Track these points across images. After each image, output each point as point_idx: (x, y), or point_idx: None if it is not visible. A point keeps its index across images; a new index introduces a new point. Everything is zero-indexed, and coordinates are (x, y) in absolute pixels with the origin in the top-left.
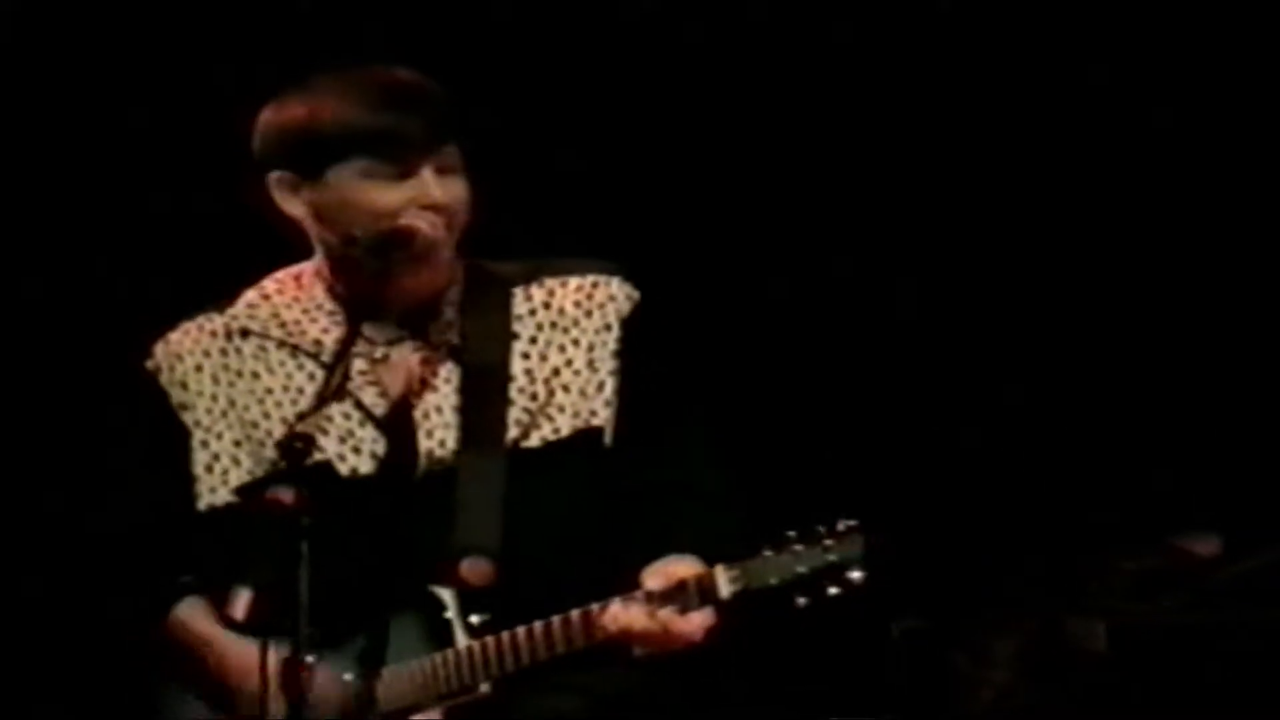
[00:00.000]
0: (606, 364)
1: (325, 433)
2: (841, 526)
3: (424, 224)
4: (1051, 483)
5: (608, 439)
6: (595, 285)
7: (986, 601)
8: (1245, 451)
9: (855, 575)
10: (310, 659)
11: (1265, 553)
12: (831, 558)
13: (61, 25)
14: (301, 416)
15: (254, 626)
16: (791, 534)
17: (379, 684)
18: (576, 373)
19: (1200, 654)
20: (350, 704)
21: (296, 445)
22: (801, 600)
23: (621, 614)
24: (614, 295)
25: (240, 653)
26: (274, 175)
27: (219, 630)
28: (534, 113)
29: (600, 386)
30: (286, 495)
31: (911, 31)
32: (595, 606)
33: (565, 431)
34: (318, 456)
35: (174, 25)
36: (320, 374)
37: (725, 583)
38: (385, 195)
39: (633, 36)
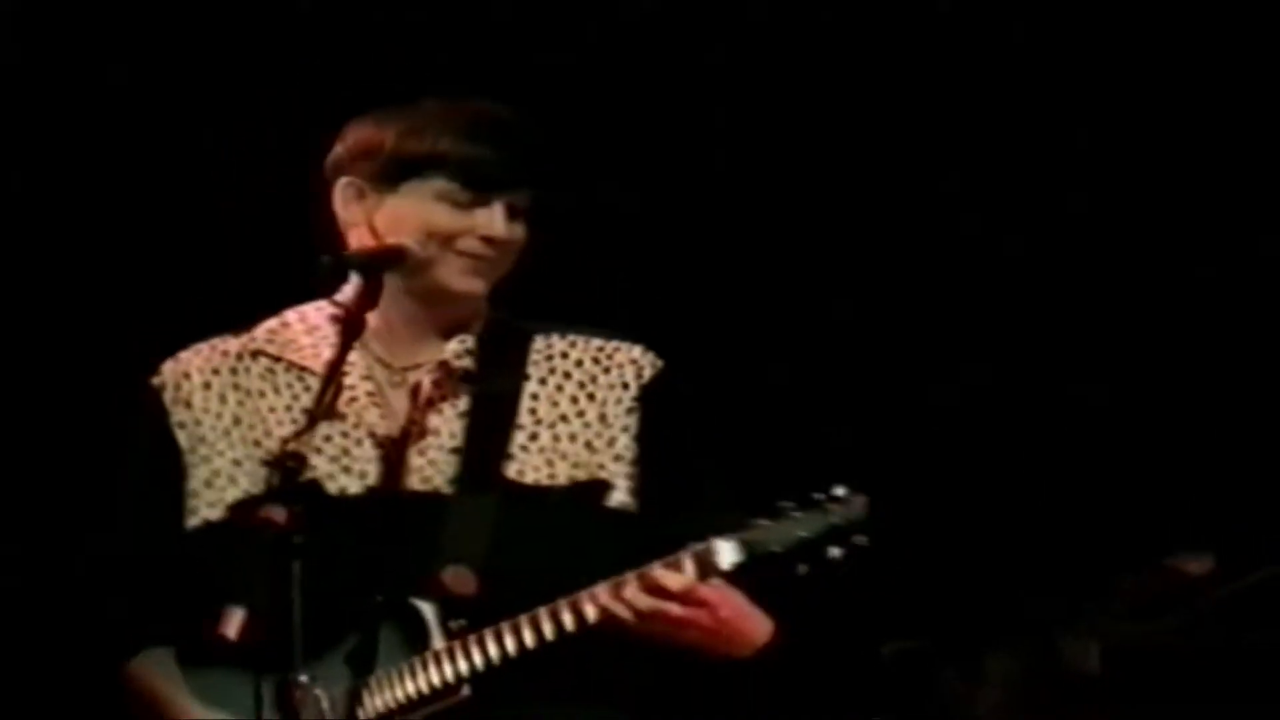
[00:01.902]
0: (620, 421)
1: (319, 451)
2: (840, 492)
3: (412, 244)
4: (1045, 503)
5: (620, 495)
6: (617, 349)
7: (980, 622)
8: (1239, 472)
9: (859, 539)
10: (303, 679)
11: (1258, 573)
12: (835, 520)
13: (88, 33)
14: (294, 435)
15: (245, 647)
16: (788, 503)
17: (361, 696)
18: (586, 425)
19: (1193, 675)
20: (333, 716)
21: (288, 464)
22: (803, 567)
23: (608, 596)
24: (635, 359)
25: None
26: (344, 180)
27: (181, 696)
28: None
29: (611, 442)
30: (279, 514)
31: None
32: (584, 593)
33: (563, 480)
34: (308, 475)
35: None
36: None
37: (725, 553)
38: (452, 218)
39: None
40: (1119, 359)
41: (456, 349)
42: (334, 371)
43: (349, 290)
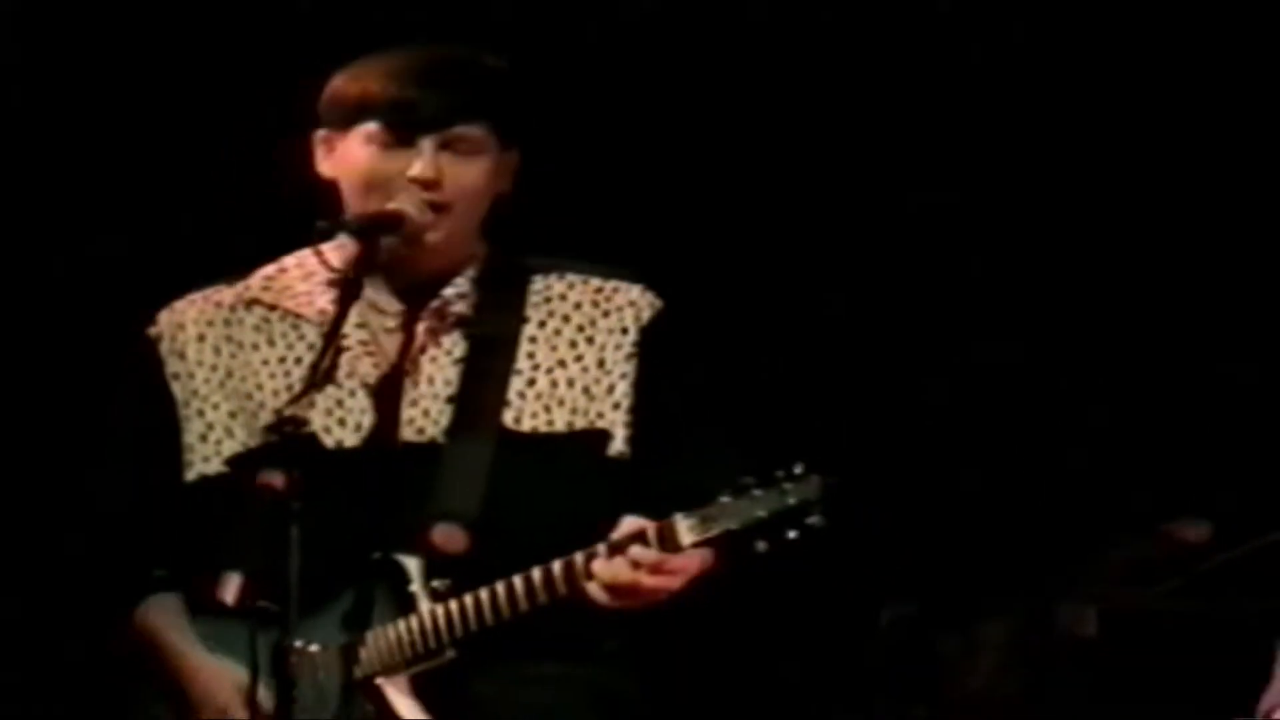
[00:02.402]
0: (619, 367)
1: (313, 404)
2: (799, 470)
3: (412, 207)
4: (1043, 469)
5: (618, 445)
6: (616, 289)
7: (977, 587)
8: (1235, 438)
9: (813, 519)
10: (299, 644)
11: (1255, 540)
12: (790, 500)
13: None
14: (294, 400)
15: (242, 610)
16: (749, 480)
17: (355, 654)
18: (585, 369)
19: (1190, 640)
20: (324, 674)
21: (286, 429)
22: (761, 545)
23: (600, 567)
24: (634, 301)
25: (208, 676)
26: (318, 134)
27: (187, 645)
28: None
29: (610, 389)
30: (277, 479)
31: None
32: (558, 561)
33: (560, 426)
34: (305, 430)
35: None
36: (320, 344)
37: (685, 530)
38: (382, 162)
39: (671, 54)
40: (1118, 327)
41: (450, 294)
42: (333, 335)
43: (347, 246)
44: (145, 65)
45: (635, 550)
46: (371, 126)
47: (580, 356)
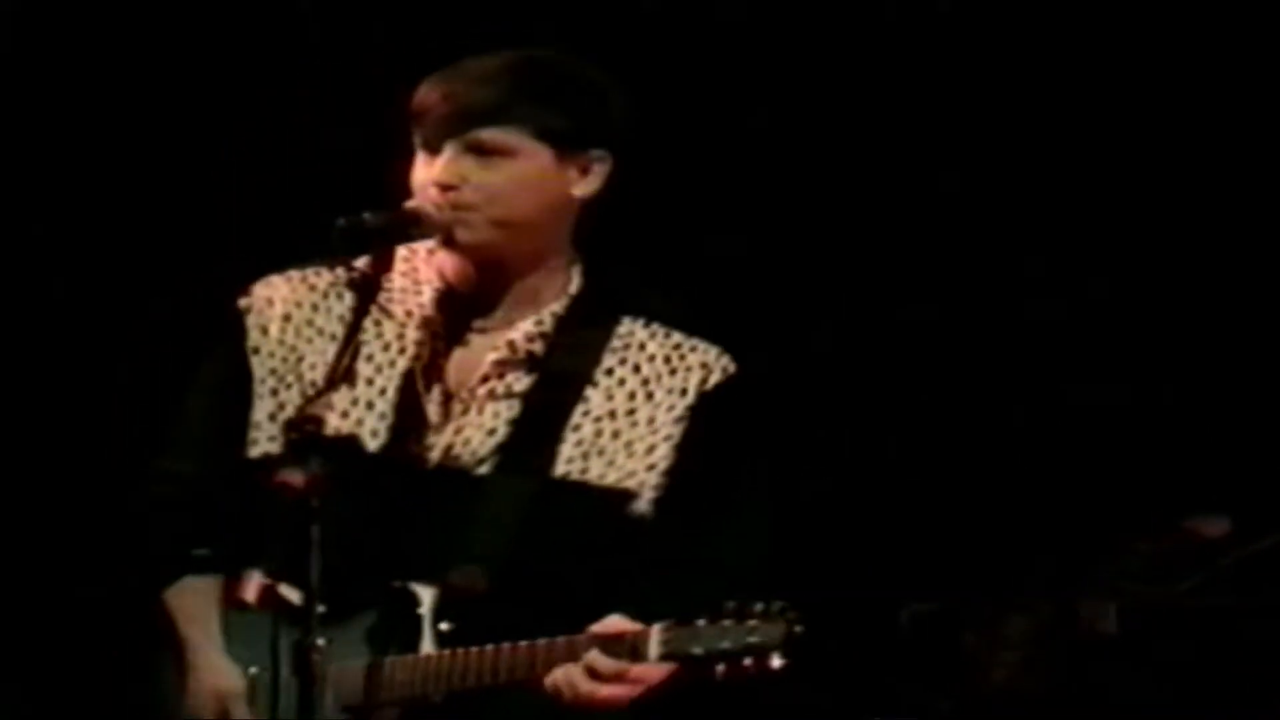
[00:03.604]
0: (666, 429)
1: (371, 406)
2: (775, 608)
3: (429, 206)
4: (1063, 465)
5: (641, 505)
6: (693, 349)
7: (998, 584)
8: (1255, 434)
9: (773, 662)
10: (321, 642)
11: (1275, 535)
12: (752, 639)
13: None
14: (313, 398)
15: (266, 609)
16: (730, 606)
17: (372, 677)
18: (634, 425)
19: (1210, 635)
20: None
21: (306, 427)
22: (720, 670)
23: (558, 670)
24: (706, 364)
25: (204, 671)
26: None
27: (200, 636)
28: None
29: (650, 449)
30: (296, 478)
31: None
32: (543, 642)
33: (593, 477)
34: (341, 429)
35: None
36: (395, 342)
37: (656, 643)
38: (420, 169)
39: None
40: (1139, 324)
41: (530, 330)
42: (352, 335)
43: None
44: (252, 54)
45: (594, 656)
46: (418, 135)
47: (633, 411)
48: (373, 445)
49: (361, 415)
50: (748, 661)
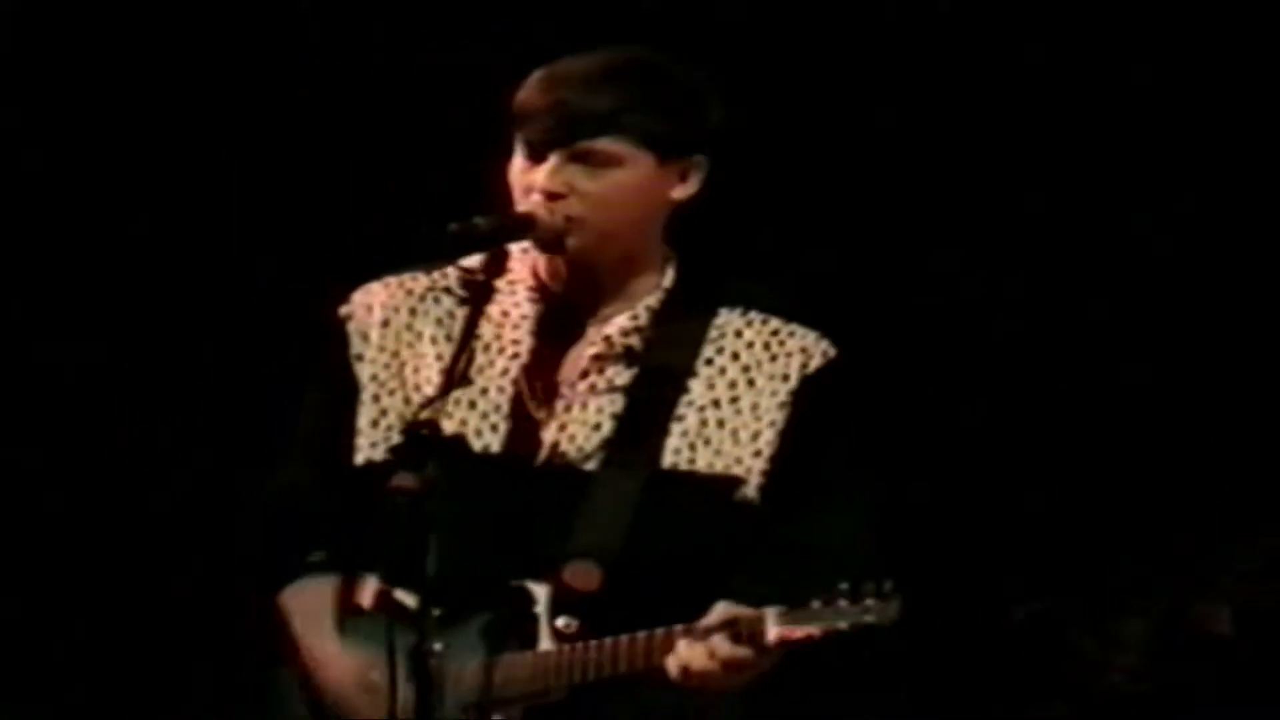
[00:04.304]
0: (770, 415)
1: (474, 405)
2: (887, 587)
3: (541, 211)
4: (1179, 466)
5: (748, 491)
6: (792, 334)
7: (1113, 586)
8: None
9: (883, 638)
10: (438, 646)
11: None
12: (868, 619)
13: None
14: (429, 402)
15: (379, 613)
16: (843, 587)
17: (488, 676)
18: (738, 412)
19: None
20: (459, 688)
21: (422, 431)
22: (832, 648)
23: (680, 647)
24: (806, 349)
25: (335, 666)
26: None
27: (319, 634)
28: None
29: (755, 435)
30: (409, 482)
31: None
32: (660, 631)
33: (701, 466)
34: (451, 430)
35: None
36: (494, 342)
37: (773, 627)
38: (520, 175)
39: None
40: (1245, 321)
41: (625, 325)
42: (467, 337)
43: (531, 253)
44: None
45: (716, 641)
46: (520, 140)
47: (736, 399)
48: (478, 445)
49: (465, 415)
50: (860, 639)
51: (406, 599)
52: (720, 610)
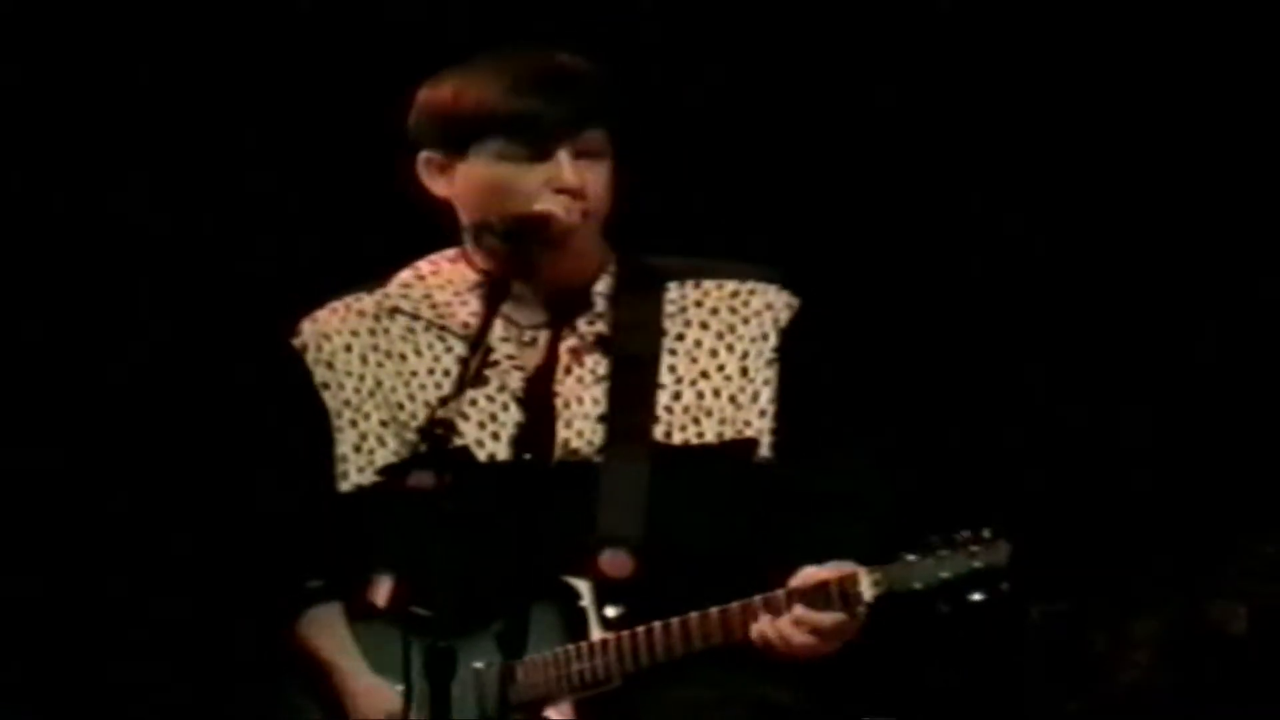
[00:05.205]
0: (762, 374)
1: (467, 417)
2: (987, 533)
3: (559, 209)
4: (1193, 465)
5: (764, 450)
6: (753, 291)
7: (1127, 585)
8: None
9: (1000, 584)
10: (479, 665)
11: None
12: (977, 564)
13: None
14: (443, 402)
15: (394, 613)
16: (935, 539)
17: (513, 675)
18: (728, 379)
19: None
20: (485, 693)
21: (437, 431)
22: (944, 606)
23: (764, 619)
24: (771, 303)
25: (365, 693)
26: (423, 155)
27: (346, 660)
28: (690, 108)
29: (755, 396)
30: (427, 481)
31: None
32: (736, 605)
33: (711, 437)
34: (458, 441)
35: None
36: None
37: (868, 585)
38: (519, 177)
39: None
40: (1262, 321)
41: (589, 315)
42: (482, 337)
43: (467, 240)
44: (278, 68)
45: (805, 608)
46: (499, 144)
47: (723, 366)
48: (481, 455)
49: (496, 429)
50: (973, 591)
51: (421, 610)
52: (805, 574)
